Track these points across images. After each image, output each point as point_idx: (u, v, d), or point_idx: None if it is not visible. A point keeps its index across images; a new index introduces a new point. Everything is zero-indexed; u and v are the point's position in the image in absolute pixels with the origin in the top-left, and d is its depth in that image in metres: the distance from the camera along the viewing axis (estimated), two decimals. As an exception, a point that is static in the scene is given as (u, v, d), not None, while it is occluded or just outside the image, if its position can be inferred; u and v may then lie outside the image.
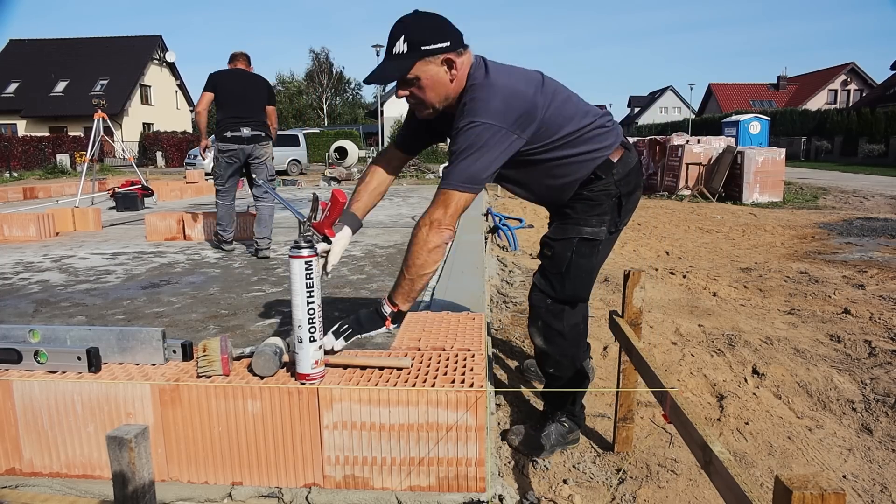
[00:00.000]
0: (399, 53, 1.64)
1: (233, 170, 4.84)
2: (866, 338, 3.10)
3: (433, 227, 1.65)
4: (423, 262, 1.66)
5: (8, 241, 5.66)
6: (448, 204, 1.65)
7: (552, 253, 1.95)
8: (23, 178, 19.26)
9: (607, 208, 1.90)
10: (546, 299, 1.96)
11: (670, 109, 56.80)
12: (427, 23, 1.67)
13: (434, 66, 1.66)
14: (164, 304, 3.32)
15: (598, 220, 1.90)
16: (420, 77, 1.66)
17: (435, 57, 1.64)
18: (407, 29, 1.64)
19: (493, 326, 3.34)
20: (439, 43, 1.64)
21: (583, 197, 1.89)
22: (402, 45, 1.63)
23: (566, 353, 2.01)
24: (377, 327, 1.70)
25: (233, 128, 4.75)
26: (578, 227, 1.90)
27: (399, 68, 1.65)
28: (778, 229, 7.36)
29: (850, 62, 41.90)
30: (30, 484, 1.65)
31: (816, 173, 18.58)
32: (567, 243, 1.91)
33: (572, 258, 1.91)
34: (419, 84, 1.68)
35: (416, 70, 1.65)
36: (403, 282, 1.69)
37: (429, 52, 1.63)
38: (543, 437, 2.03)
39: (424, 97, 1.71)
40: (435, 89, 1.69)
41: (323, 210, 1.68)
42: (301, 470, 1.58)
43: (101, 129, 9.10)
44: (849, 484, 1.92)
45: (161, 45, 38.33)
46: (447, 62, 1.66)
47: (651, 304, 3.84)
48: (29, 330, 1.69)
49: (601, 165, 1.85)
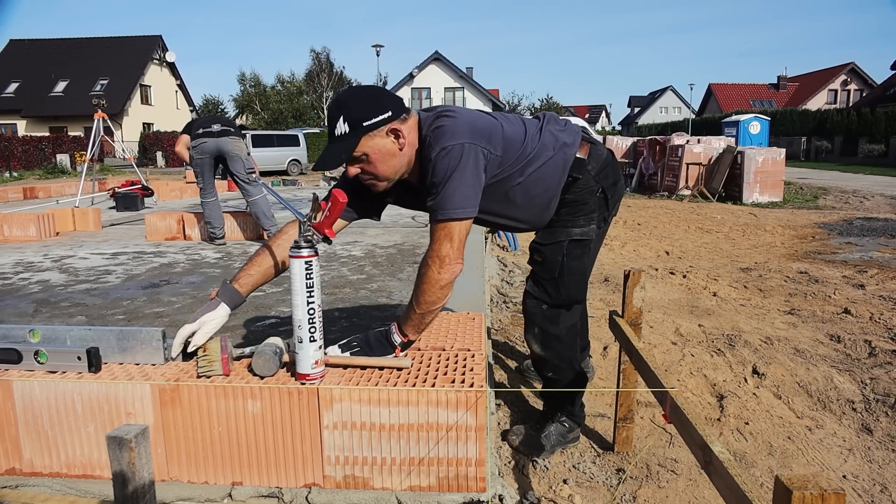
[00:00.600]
0: (342, 135, 1.61)
1: (207, 165, 5.10)
2: (866, 338, 3.10)
3: (444, 265, 1.61)
4: (434, 299, 1.63)
5: (8, 241, 5.66)
6: (452, 236, 1.61)
7: (543, 258, 1.93)
8: (23, 177, 19.26)
9: (594, 206, 1.89)
10: (541, 305, 1.95)
11: (670, 109, 56.81)
12: (364, 97, 1.65)
13: (380, 139, 1.63)
14: (164, 304, 3.32)
15: (585, 219, 1.89)
16: (368, 153, 1.64)
17: (378, 130, 1.62)
18: (345, 108, 1.62)
19: (493, 326, 3.34)
20: (380, 115, 1.62)
21: (566, 201, 1.88)
22: (343, 126, 1.61)
23: (564, 357, 2.00)
24: (386, 353, 1.68)
25: (204, 125, 5.13)
26: (567, 230, 1.89)
27: (345, 149, 1.62)
28: (778, 229, 7.35)
29: (850, 62, 41.90)
30: (30, 484, 1.65)
31: (816, 173, 18.58)
32: (557, 247, 1.89)
33: (564, 262, 1.89)
34: (368, 159, 1.65)
35: (361, 147, 1.62)
36: (414, 316, 1.66)
37: (371, 127, 1.61)
38: (543, 437, 2.03)
39: (376, 171, 1.68)
40: (385, 161, 1.66)
41: (323, 210, 1.67)
42: (301, 470, 1.58)
43: (101, 129, 9.10)
44: (849, 484, 1.92)
45: (161, 45, 38.33)
46: (392, 132, 1.64)
47: (651, 304, 3.84)
48: (29, 330, 1.69)
49: (574, 165, 1.84)
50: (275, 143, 20.60)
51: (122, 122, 33.32)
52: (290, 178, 17.06)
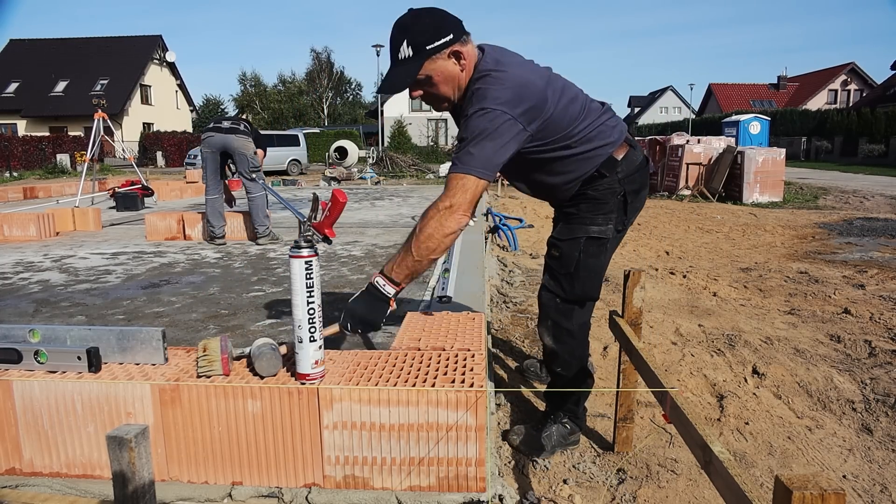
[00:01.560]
0: (405, 58, 1.63)
1: (211, 160, 5.19)
2: (866, 338, 3.10)
3: (452, 212, 1.61)
4: (435, 245, 1.62)
5: (8, 241, 5.66)
6: (466, 189, 1.61)
7: (560, 253, 1.92)
8: (23, 177, 19.26)
9: (613, 207, 1.88)
10: (555, 299, 1.94)
11: (670, 109, 56.77)
12: (426, 21, 1.65)
13: (442, 62, 1.66)
14: (164, 304, 3.33)
15: (604, 218, 1.88)
16: (431, 75, 1.67)
17: (441, 53, 1.64)
18: (408, 32, 1.63)
19: (493, 326, 3.34)
20: (442, 38, 1.63)
21: (588, 196, 1.88)
22: (406, 50, 1.62)
23: (574, 353, 2.00)
24: (383, 314, 1.66)
25: (216, 121, 5.26)
26: (585, 227, 1.88)
27: (409, 73, 1.65)
28: (778, 229, 7.35)
29: (851, 62, 41.88)
30: (30, 484, 1.65)
31: (816, 173, 18.58)
32: (574, 243, 1.89)
33: (580, 258, 1.89)
34: (431, 81, 1.68)
35: (425, 70, 1.65)
36: (409, 260, 1.64)
37: (434, 50, 1.63)
38: (544, 437, 2.03)
39: (439, 92, 1.71)
40: (448, 83, 1.70)
41: (323, 210, 1.67)
42: (301, 470, 1.58)
43: (102, 129, 9.10)
44: (849, 484, 1.92)
45: (161, 45, 38.33)
46: (454, 54, 1.66)
47: (651, 304, 3.84)
48: (29, 330, 1.69)
49: (605, 163, 1.84)
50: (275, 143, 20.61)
51: (123, 122, 33.32)
52: (290, 178, 17.06)
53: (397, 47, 1.64)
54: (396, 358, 1.75)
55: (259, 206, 5.29)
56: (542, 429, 2.06)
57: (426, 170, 19.29)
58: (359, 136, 32.41)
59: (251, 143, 5.20)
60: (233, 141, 5.12)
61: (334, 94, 56.60)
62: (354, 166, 18.40)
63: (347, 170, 16.90)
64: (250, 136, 5.22)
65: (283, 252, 4.98)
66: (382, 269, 1.68)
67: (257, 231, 5.36)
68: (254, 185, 5.27)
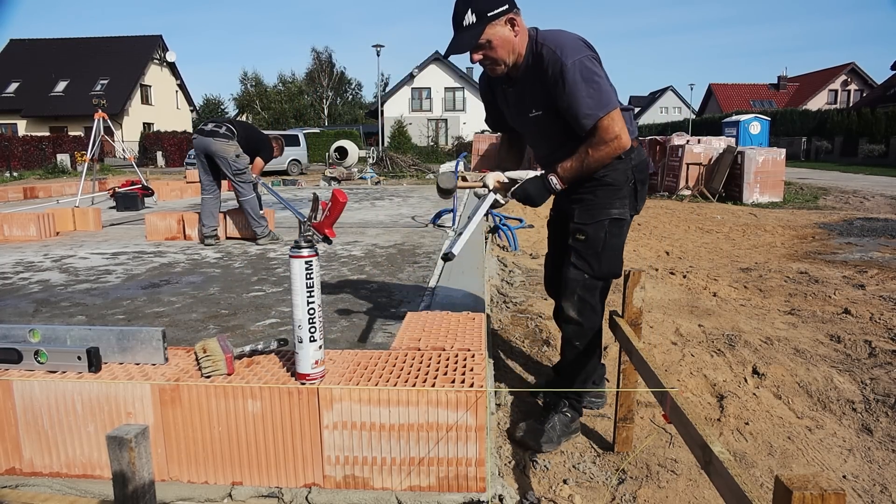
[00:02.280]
0: (469, 24, 1.87)
1: (198, 161, 5.30)
2: (866, 338, 3.10)
3: (620, 140, 1.91)
4: (602, 162, 1.95)
5: (8, 241, 5.66)
6: (616, 119, 1.89)
7: (586, 237, 2.08)
8: (23, 177, 19.26)
9: (626, 192, 2.08)
10: (584, 275, 2.09)
11: (670, 109, 56.75)
12: None
13: (500, 27, 1.89)
14: (164, 303, 3.33)
15: (620, 202, 2.07)
16: (491, 40, 1.89)
17: (500, 19, 1.88)
18: (471, 2, 1.87)
19: (494, 326, 3.34)
20: (502, 6, 1.88)
21: (604, 182, 2.05)
22: (470, 17, 1.87)
23: (594, 326, 2.13)
24: (542, 197, 2.02)
25: (203, 124, 5.37)
26: (606, 210, 2.06)
27: (473, 35, 1.88)
28: (778, 229, 7.35)
29: (851, 62, 41.86)
30: (30, 484, 1.65)
31: (816, 173, 18.57)
32: (599, 226, 2.07)
33: (606, 238, 2.07)
34: (491, 45, 1.91)
35: (486, 34, 1.88)
36: (580, 167, 1.95)
37: (494, 17, 1.87)
38: (549, 428, 2.11)
39: (497, 55, 1.93)
40: (504, 47, 1.92)
41: (323, 210, 1.67)
42: (301, 470, 1.58)
43: (102, 129, 9.10)
44: (849, 484, 1.92)
45: (161, 44, 38.33)
46: (510, 21, 1.90)
47: (651, 304, 3.84)
48: (29, 330, 1.69)
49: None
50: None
51: (123, 122, 33.32)
52: (290, 178, 17.05)
53: (462, 15, 1.88)
54: (396, 358, 1.75)
55: (249, 208, 5.31)
56: (546, 421, 2.13)
57: (426, 170, 19.28)
58: (359, 136, 32.39)
59: (232, 147, 5.16)
60: (211, 144, 5.13)
61: (334, 94, 56.59)
62: (354, 166, 18.39)
63: (347, 170, 16.90)
64: (232, 139, 5.19)
65: (283, 252, 4.98)
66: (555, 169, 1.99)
67: (255, 233, 5.39)
68: (241, 188, 5.27)
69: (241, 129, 5.38)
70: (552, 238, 2.40)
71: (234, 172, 5.20)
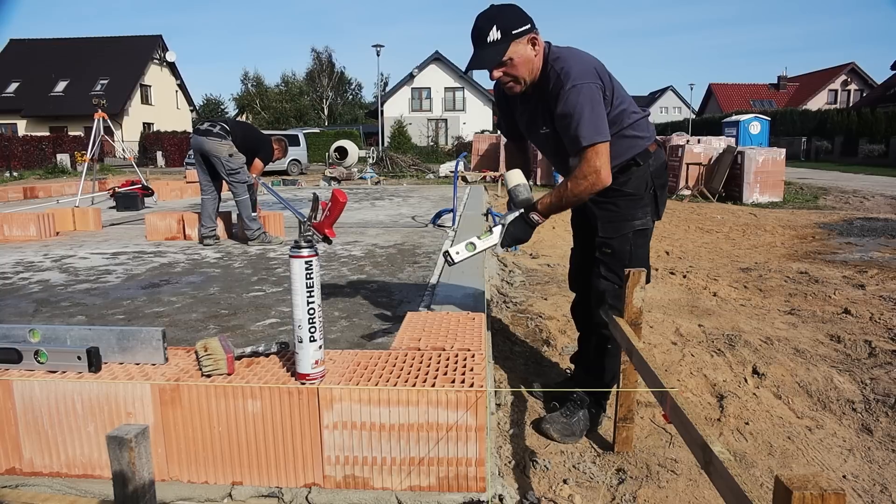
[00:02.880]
0: (494, 41, 1.90)
1: (198, 163, 5.30)
2: (866, 338, 3.10)
3: (600, 177, 1.89)
4: (582, 198, 1.95)
5: (8, 241, 5.66)
6: (600, 153, 1.88)
7: (612, 250, 2.13)
8: (23, 177, 19.26)
9: (647, 200, 2.12)
10: (614, 286, 2.13)
11: (670, 109, 56.74)
12: (510, 11, 1.93)
13: (522, 46, 1.92)
14: (164, 303, 3.33)
15: (642, 212, 2.11)
16: (513, 58, 1.92)
17: (523, 38, 1.91)
18: (496, 20, 1.90)
19: (493, 326, 3.34)
20: (524, 26, 1.91)
21: (624, 193, 2.09)
22: (495, 34, 1.89)
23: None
24: (527, 235, 2.05)
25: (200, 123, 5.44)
26: (630, 222, 2.10)
27: (497, 52, 1.91)
28: (778, 229, 7.35)
29: (851, 62, 41.85)
30: (30, 484, 1.65)
31: (816, 173, 18.56)
32: (624, 239, 2.11)
33: (632, 250, 2.11)
34: (512, 63, 1.93)
35: (510, 52, 1.91)
36: (559, 203, 1.98)
37: (518, 35, 1.90)
38: (574, 423, 2.18)
39: (517, 73, 1.96)
40: (526, 66, 1.95)
41: (323, 210, 1.68)
42: (301, 470, 1.58)
43: (102, 129, 9.10)
44: (849, 484, 1.92)
45: (161, 44, 38.32)
46: (532, 41, 1.93)
47: (651, 304, 3.84)
48: (29, 330, 1.69)
49: (641, 153, 2.08)
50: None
51: (123, 122, 33.31)
52: (290, 178, 17.04)
53: (485, 31, 1.90)
54: (396, 358, 1.75)
55: (242, 209, 5.28)
56: (571, 415, 2.20)
57: (426, 170, 19.28)
58: (359, 136, 32.39)
59: (225, 146, 5.12)
60: (204, 143, 5.12)
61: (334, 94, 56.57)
62: (354, 166, 18.40)
63: (347, 170, 16.90)
64: (226, 138, 5.14)
65: (283, 252, 4.98)
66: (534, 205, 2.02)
67: (247, 234, 5.37)
68: (234, 188, 5.25)
69: (239, 129, 5.34)
70: (576, 235, 2.44)
71: (228, 172, 5.18)
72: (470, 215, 7.24)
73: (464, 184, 13.38)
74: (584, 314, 2.35)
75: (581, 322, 2.44)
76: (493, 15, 1.93)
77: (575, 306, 2.49)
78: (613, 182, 2.05)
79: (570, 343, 3.07)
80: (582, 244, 2.37)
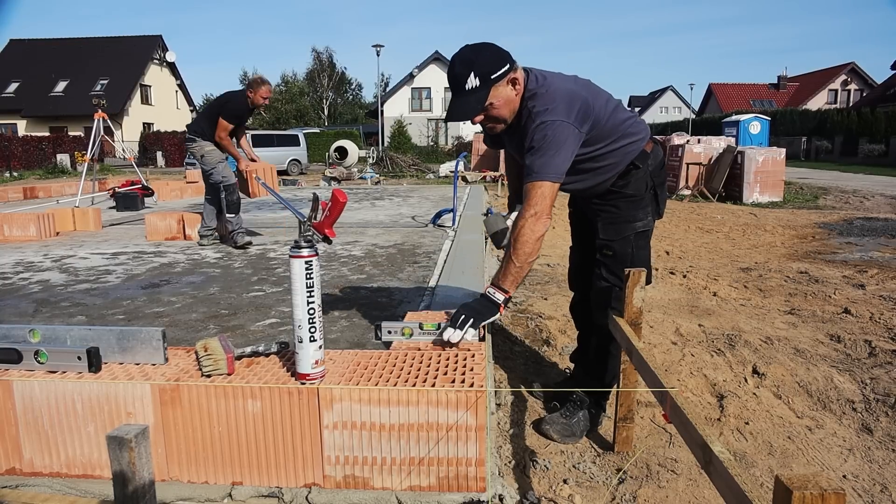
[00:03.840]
0: (473, 88, 1.83)
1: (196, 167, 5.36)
2: (866, 338, 3.10)
3: (538, 218, 1.80)
4: (531, 250, 1.82)
5: (8, 241, 5.66)
6: (545, 195, 1.81)
7: (613, 253, 2.09)
8: (23, 177, 19.25)
9: (648, 200, 2.09)
10: (615, 288, 2.11)
11: (670, 109, 56.72)
12: (487, 54, 1.86)
13: (503, 88, 1.86)
14: (164, 304, 3.33)
15: (643, 212, 2.08)
16: (494, 102, 1.87)
17: (502, 80, 1.85)
18: (474, 65, 1.83)
19: (494, 326, 3.34)
20: (503, 67, 1.84)
21: (625, 195, 2.05)
22: (473, 81, 1.82)
23: None
24: (493, 314, 1.86)
25: None
26: (631, 224, 2.07)
27: (478, 100, 1.85)
28: (778, 229, 7.35)
29: (851, 62, 41.85)
30: (30, 484, 1.65)
31: (816, 173, 18.56)
32: (625, 241, 2.08)
33: (633, 252, 2.08)
34: (493, 107, 1.88)
35: (490, 97, 1.86)
36: (513, 269, 1.83)
37: (497, 79, 1.84)
38: (574, 423, 2.17)
39: (499, 115, 1.92)
40: (507, 107, 1.90)
41: (323, 210, 1.68)
42: (301, 470, 1.58)
43: (102, 129, 9.10)
44: (849, 484, 1.92)
45: (161, 44, 38.31)
46: (512, 81, 1.87)
47: (651, 304, 3.84)
48: (29, 330, 1.69)
49: (639, 156, 2.03)
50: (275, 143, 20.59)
51: (123, 122, 33.32)
52: (290, 178, 17.04)
53: (463, 79, 1.83)
54: (396, 358, 1.75)
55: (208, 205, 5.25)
56: (571, 416, 2.19)
57: (426, 170, 19.28)
58: (359, 136, 32.37)
59: (196, 147, 5.05)
60: (187, 145, 5.19)
61: (335, 94, 56.53)
62: (354, 166, 18.38)
63: (347, 170, 16.89)
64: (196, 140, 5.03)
65: (283, 252, 4.98)
66: (492, 280, 1.89)
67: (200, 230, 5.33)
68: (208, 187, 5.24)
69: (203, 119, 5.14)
70: (574, 235, 2.42)
71: (203, 172, 5.20)
72: (470, 215, 7.24)
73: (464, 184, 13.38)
74: (584, 314, 2.35)
75: (580, 322, 2.44)
76: (469, 60, 1.84)
77: (574, 306, 2.48)
78: (613, 185, 2.04)
79: (570, 343, 3.07)
80: (581, 244, 2.36)
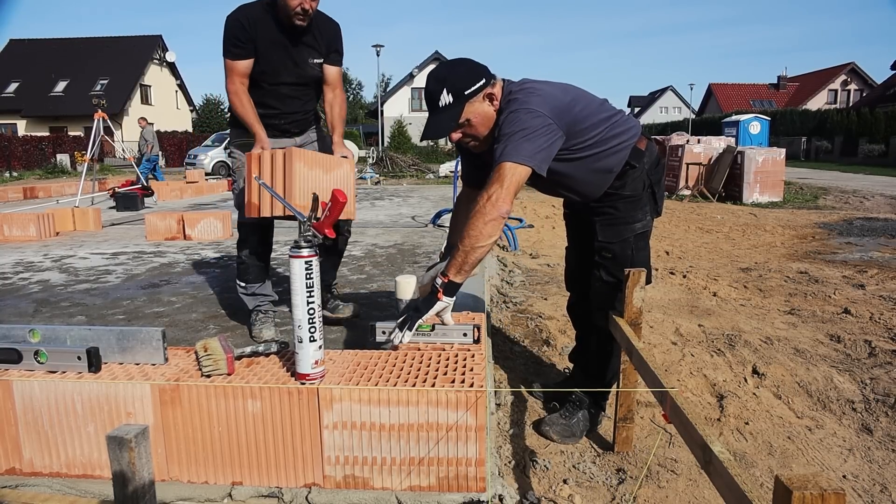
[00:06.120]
0: (446, 105, 1.79)
1: None
2: (866, 338, 3.10)
3: (490, 200, 1.71)
4: (477, 233, 1.71)
5: (8, 241, 5.66)
6: (503, 176, 1.71)
7: (613, 255, 2.06)
8: (23, 177, 19.25)
9: (646, 200, 2.06)
10: (615, 290, 2.09)
11: (670, 109, 56.69)
12: (461, 69, 1.83)
13: (479, 104, 1.82)
14: (164, 304, 3.32)
15: (642, 213, 2.05)
16: (470, 118, 1.83)
17: (477, 96, 1.81)
18: (446, 82, 1.79)
19: (493, 326, 3.34)
20: (478, 83, 1.80)
21: (623, 196, 2.02)
22: (446, 98, 1.79)
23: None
24: (432, 304, 1.77)
25: None
26: (630, 226, 2.04)
27: (451, 117, 1.81)
28: (778, 229, 7.35)
29: (850, 62, 41.84)
30: (30, 484, 1.65)
31: (816, 173, 18.57)
32: (625, 244, 2.05)
33: (633, 253, 2.05)
34: (470, 123, 1.84)
35: (465, 114, 1.82)
36: (458, 254, 1.74)
37: (471, 95, 1.80)
38: (573, 424, 2.17)
39: (477, 132, 1.87)
40: (484, 123, 1.86)
41: (323, 210, 1.67)
42: (301, 470, 1.58)
43: (101, 129, 9.10)
44: (849, 484, 1.92)
45: (161, 45, 38.29)
46: (488, 97, 1.83)
47: (651, 304, 3.84)
48: (29, 330, 1.69)
49: (632, 154, 1.98)
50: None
51: (122, 122, 33.29)
52: (290, 177, 17.00)
53: (437, 96, 1.80)
54: (396, 358, 1.75)
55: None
56: (570, 416, 2.19)
57: (426, 170, 19.28)
58: (359, 136, 32.37)
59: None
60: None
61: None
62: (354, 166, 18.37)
63: (347, 170, 16.86)
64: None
65: (283, 252, 4.98)
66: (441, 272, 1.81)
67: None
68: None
69: None
70: (571, 236, 2.38)
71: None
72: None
73: (464, 184, 13.36)
74: (582, 314, 2.34)
75: (579, 322, 2.42)
76: (442, 77, 1.81)
77: (571, 306, 2.46)
78: (610, 186, 2.01)
79: (570, 343, 3.07)
80: (577, 245, 2.33)
